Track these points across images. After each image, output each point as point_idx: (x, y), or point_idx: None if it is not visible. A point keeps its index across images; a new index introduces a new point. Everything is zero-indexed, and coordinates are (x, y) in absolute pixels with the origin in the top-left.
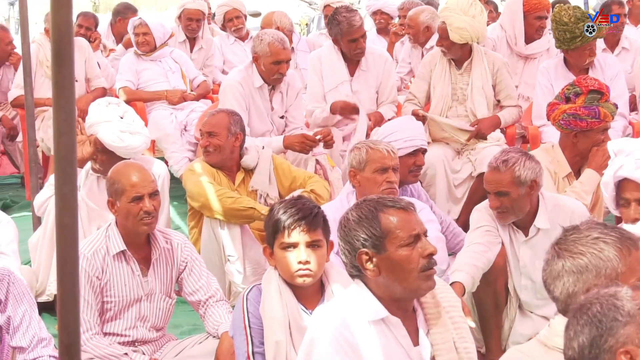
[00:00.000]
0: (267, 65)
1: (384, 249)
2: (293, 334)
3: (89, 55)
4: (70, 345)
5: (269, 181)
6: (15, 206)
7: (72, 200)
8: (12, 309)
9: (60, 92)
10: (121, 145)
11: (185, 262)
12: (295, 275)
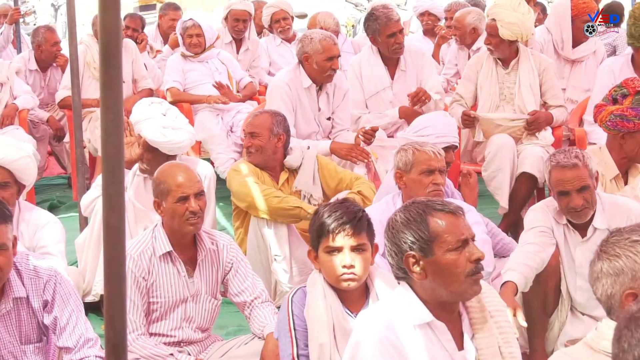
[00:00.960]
0: (320, 63)
1: (431, 252)
2: (337, 336)
3: (136, 57)
4: (117, 345)
5: (313, 182)
6: (62, 207)
7: (119, 201)
8: (59, 309)
9: (107, 93)
10: (164, 140)
11: (230, 263)
12: (340, 279)
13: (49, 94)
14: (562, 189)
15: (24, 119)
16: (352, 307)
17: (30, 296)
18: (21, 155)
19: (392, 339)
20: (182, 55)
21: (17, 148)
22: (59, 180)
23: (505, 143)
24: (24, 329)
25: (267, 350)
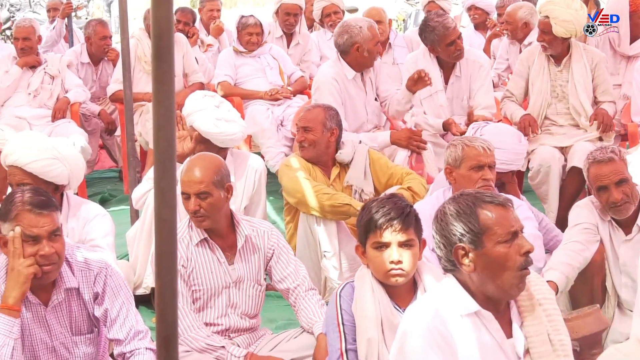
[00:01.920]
0: (371, 49)
1: (481, 244)
2: (385, 331)
3: (187, 51)
4: (168, 338)
5: (364, 176)
6: (113, 200)
7: (171, 194)
8: (109, 301)
9: (159, 87)
10: (217, 131)
11: (272, 250)
12: (388, 275)
13: (100, 88)
14: (601, 184)
15: (76, 113)
16: (400, 302)
17: (80, 287)
18: (40, 157)
19: (440, 329)
20: (234, 50)
21: (38, 150)
22: (110, 174)
23: (550, 157)
24: (75, 320)
25: (320, 350)
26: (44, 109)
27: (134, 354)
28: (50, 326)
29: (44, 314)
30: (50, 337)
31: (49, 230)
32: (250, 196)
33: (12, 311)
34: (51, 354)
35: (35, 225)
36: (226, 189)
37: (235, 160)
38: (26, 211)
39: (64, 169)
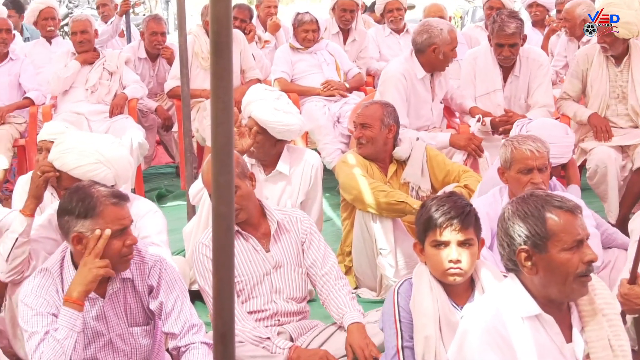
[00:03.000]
0: (447, 53)
1: (545, 249)
2: (443, 329)
3: (244, 47)
4: (225, 334)
5: (422, 173)
6: (170, 195)
7: (229, 190)
8: (165, 295)
9: (218, 83)
10: (274, 120)
11: (305, 234)
12: (446, 274)
13: (157, 84)
14: None
15: (133, 108)
16: (458, 300)
17: (135, 279)
18: (84, 162)
19: (499, 330)
20: (291, 47)
21: (81, 155)
22: (167, 169)
23: (607, 157)
24: (131, 311)
25: (353, 337)
26: (101, 104)
27: (189, 348)
28: (107, 317)
29: (101, 305)
30: (107, 329)
31: (131, 221)
32: (307, 192)
33: (76, 305)
34: (107, 345)
35: (122, 217)
36: (249, 177)
37: (292, 155)
38: (111, 205)
39: (108, 171)
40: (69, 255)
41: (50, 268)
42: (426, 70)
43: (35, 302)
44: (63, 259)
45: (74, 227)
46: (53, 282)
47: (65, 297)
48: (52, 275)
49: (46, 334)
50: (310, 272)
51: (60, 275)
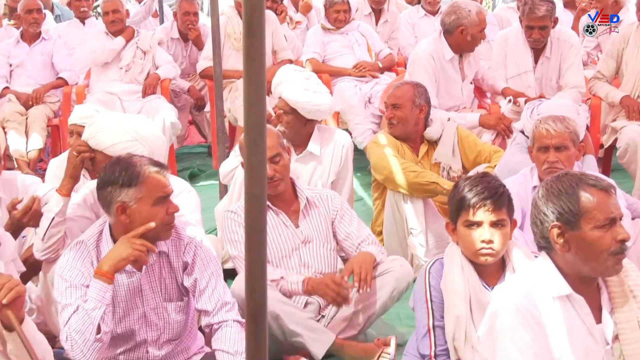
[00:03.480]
0: (476, 34)
1: (577, 226)
2: (473, 309)
3: (276, 28)
4: (257, 313)
5: (453, 154)
6: (202, 175)
7: (261, 170)
8: (199, 272)
9: (250, 64)
10: (304, 100)
11: (336, 211)
12: (478, 254)
13: (190, 64)
14: None
15: (166, 89)
16: (489, 280)
17: (170, 254)
18: (120, 140)
19: (530, 309)
20: (322, 27)
21: (117, 133)
22: (199, 149)
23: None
24: (165, 286)
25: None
26: (134, 84)
27: (222, 326)
28: (143, 291)
29: (138, 278)
30: (142, 303)
31: (172, 189)
32: (337, 172)
33: (106, 278)
34: (141, 319)
35: (164, 185)
36: (287, 150)
37: (322, 135)
38: (154, 173)
39: (143, 149)
40: (107, 229)
41: (87, 241)
42: (454, 52)
43: (70, 274)
44: (101, 232)
45: (117, 197)
46: (89, 254)
47: (96, 270)
48: (87, 248)
49: (78, 306)
50: (345, 245)
51: (97, 248)
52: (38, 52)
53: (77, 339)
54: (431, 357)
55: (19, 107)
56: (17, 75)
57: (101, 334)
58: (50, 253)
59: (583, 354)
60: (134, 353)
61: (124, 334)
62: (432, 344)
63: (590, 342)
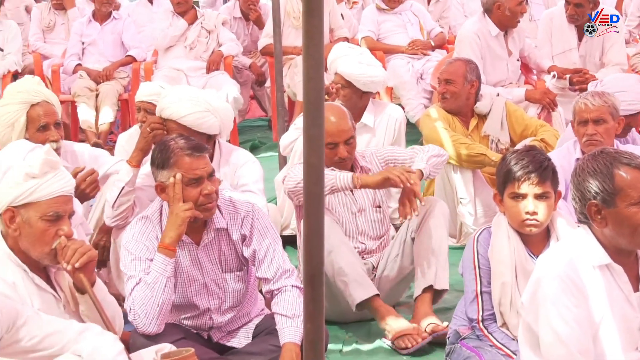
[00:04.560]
0: (513, 8)
1: (613, 204)
2: (519, 276)
3: (333, 7)
4: (315, 276)
5: (501, 127)
6: (262, 147)
7: (319, 141)
8: (257, 242)
9: (309, 41)
10: (359, 72)
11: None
12: (523, 224)
13: (251, 42)
14: None
15: (229, 65)
16: (534, 249)
17: (229, 228)
18: (194, 110)
19: (572, 277)
20: (377, 7)
21: (191, 103)
22: (260, 122)
23: None
24: (225, 258)
25: None
26: (199, 61)
27: (281, 291)
28: (202, 264)
29: (196, 252)
30: (202, 274)
31: (208, 171)
32: (391, 144)
33: (168, 251)
34: (203, 289)
35: (196, 167)
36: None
37: (376, 109)
38: (186, 156)
39: (215, 120)
40: (166, 203)
41: (150, 216)
42: (499, 28)
43: (135, 247)
44: (162, 207)
45: (157, 177)
46: (153, 228)
47: (159, 244)
48: (152, 223)
49: (141, 279)
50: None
51: (160, 222)
52: (109, 31)
53: (139, 310)
54: (478, 321)
55: (89, 82)
56: (89, 53)
57: (160, 306)
58: (119, 220)
59: (621, 319)
60: (199, 320)
61: (188, 303)
62: (479, 308)
63: (627, 309)
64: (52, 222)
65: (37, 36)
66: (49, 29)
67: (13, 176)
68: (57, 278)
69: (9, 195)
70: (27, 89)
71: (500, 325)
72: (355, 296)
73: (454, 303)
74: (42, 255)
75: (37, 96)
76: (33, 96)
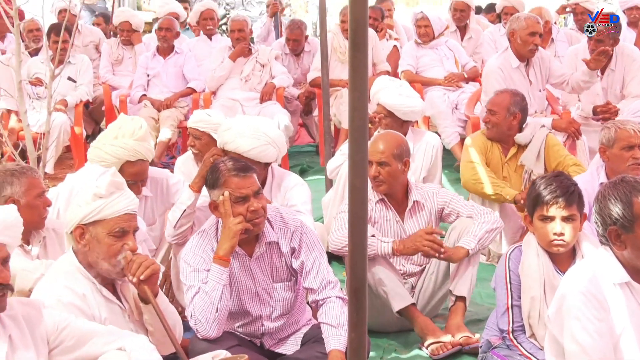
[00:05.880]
0: (523, 37)
1: (632, 230)
2: (547, 291)
3: (375, 43)
4: (358, 289)
5: (537, 158)
6: (310, 170)
7: (363, 166)
8: (305, 255)
9: (355, 74)
10: (400, 102)
11: (442, 204)
12: (551, 244)
13: (301, 75)
14: None
15: (281, 96)
16: (561, 266)
17: (279, 241)
18: (256, 145)
19: (595, 293)
20: (416, 43)
21: (254, 138)
22: (308, 148)
23: None
24: (275, 269)
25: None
26: (253, 92)
27: (326, 302)
28: (254, 274)
29: (249, 263)
30: (254, 284)
31: (254, 190)
32: (428, 168)
33: (223, 261)
34: (255, 298)
35: (242, 187)
36: (404, 162)
37: (415, 137)
38: (232, 176)
39: (274, 150)
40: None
41: (208, 230)
42: (519, 59)
43: (193, 259)
44: (218, 222)
45: (210, 196)
46: (209, 242)
47: (214, 255)
48: (208, 236)
49: (200, 288)
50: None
51: (216, 236)
52: (171, 64)
53: (199, 316)
54: (509, 332)
55: (153, 112)
56: (153, 84)
57: (219, 311)
58: (179, 239)
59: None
60: (251, 326)
61: (241, 311)
62: (510, 320)
63: None
64: (118, 238)
65: (106, 69)
66: (117, 63)
67: (83, 196)
68: (122, 290)
69: (79, 214)
70: (127, 146)
71: (529, 336)
72: (394, 305)
73: (485, 315)
74: (109, 267)
75: (135, 156)
76: (131, 155)
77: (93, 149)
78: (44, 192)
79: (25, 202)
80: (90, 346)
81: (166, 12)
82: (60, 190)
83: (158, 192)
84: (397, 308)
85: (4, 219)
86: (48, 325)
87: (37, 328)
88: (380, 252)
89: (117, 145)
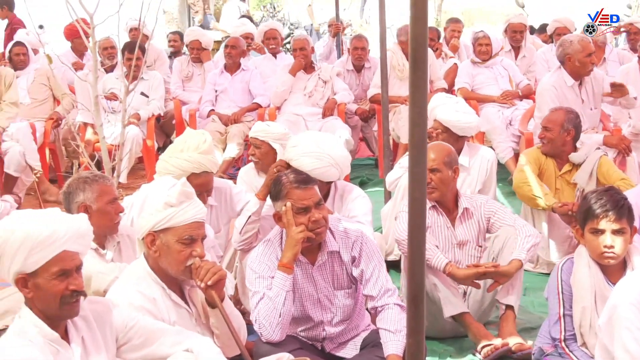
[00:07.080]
0: (582, 60)
1: None
2: (597, 302)
3: (432, 62)
4: (417, 296)
5: (589, 178)
6: (370, 182)
7: (422, 178)
8: (364, 264)
9: (415, 91)
10: (456, 118)
11: (489, 215)
12: (601, 257)
13: (362, 91)
14: None
15: (342, 111)
16: (612, 277)
17: (341, 251)
18: (319, 166)
19: None
20: (472, 61)
21: (316, 159)
22: (367, 161)
23: None
24: (337, 277)
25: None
26: (316, 107)
27: (384, 308)
28: (316, 282)
29: (311, 271)
30: (316, 291)
31: (315, 201)
32: (483, 181)
33: (286, 268)
34: (316, 304)
35: (303, 198)
36: (454, 170)
37: (471, 151)
38: (294, 188)
39: (336, 171)
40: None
41: (272, 239)
42: (574, 78)
43: (259, 267)
44: (282, 231)
45: (274, 207)
46: (274, 250)
47: (279, 263)
48: (273, 245)
49: (264, 294)
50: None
51: (280, 244)
52: (238, 81)
53: (263, 321)
54: (561, 340)
55: (220, 126)
56: (221, 100)
57: (282, 316)
58: (244, 245)
59: None
60: (313, 331)
61: (304, 316)
62: (562, 329)
63: None
64: (187, 245)
65: (177, 85)
66: (187, 79)
67: (154, 205)
68: (190, 294)
69: (150, 222)
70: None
71: (580, 345)
72: (447, 311)
73: (537, 323)
74: (178, 272)
75: (200, 168)
76: (196, 167)
77: (160, 161)
78: (116, 199)
79: (97, 208)
80: (158, 346)
81: (242, 32)
82: (135, 200)
83: (222, 202)
84: (448, 314)
85: (78, 227)
86: (117, 323)
87: (106, 326)
88: (434, 264)
89: (182, 158)
